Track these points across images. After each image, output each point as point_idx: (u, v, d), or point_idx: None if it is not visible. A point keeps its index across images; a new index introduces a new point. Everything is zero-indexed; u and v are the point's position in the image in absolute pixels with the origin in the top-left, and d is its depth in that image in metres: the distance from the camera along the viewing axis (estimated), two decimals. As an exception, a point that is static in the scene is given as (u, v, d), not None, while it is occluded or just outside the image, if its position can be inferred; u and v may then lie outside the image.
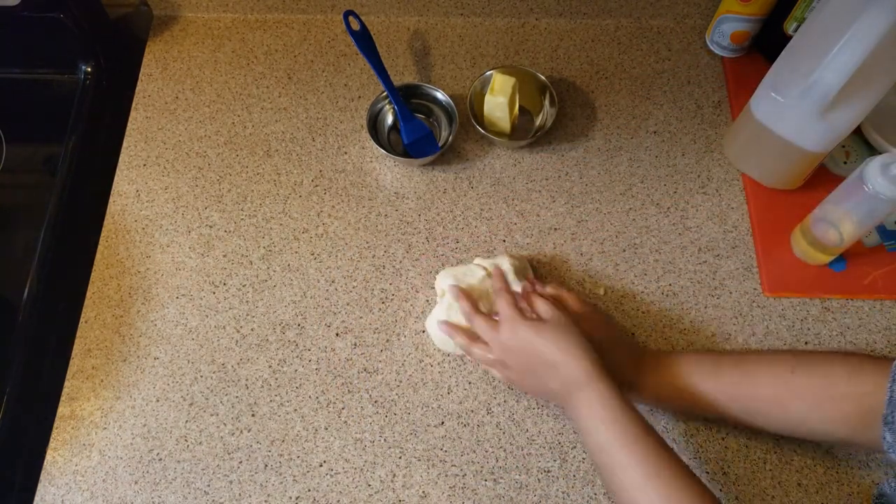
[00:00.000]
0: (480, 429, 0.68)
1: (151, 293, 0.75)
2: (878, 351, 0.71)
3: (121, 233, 0.78)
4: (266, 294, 0.75)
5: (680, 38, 0.91)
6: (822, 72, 0.63)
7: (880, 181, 0.61)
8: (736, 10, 0.82)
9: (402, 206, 0.79)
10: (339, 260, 0.76)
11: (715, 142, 0.83)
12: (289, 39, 0.91)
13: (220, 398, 0.69)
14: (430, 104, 0.85)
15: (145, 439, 0.68)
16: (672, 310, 0.73)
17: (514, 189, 0.80)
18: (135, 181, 0.81)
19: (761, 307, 0.73)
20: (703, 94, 0.87)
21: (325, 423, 0.68)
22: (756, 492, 0.64)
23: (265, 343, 0.72)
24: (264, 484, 0.66)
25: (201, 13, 0.93)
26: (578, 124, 0.85)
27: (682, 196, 0.80)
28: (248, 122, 0.85)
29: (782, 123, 0.71)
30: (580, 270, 0.75)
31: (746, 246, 0.77)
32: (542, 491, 0.65)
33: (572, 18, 0.92)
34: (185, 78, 0.89)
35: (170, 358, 0.71)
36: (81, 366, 0.71)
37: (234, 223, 0.79)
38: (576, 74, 0.88)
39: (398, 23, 0.92)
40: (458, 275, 0.70)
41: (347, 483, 0.65)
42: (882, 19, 0.56)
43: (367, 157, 0.83)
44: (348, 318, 0.73)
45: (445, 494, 0.65)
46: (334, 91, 0.87)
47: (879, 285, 0.74)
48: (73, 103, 0.85)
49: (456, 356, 0.71)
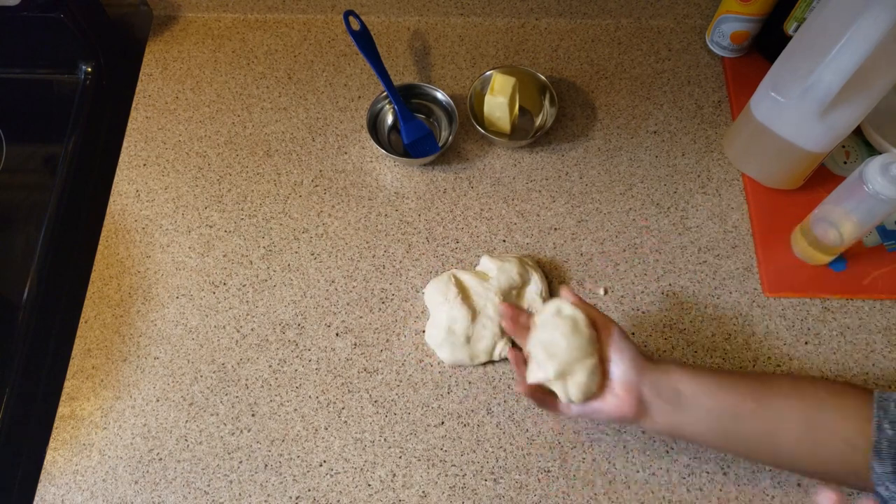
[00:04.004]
0: (480, 429, 0.68)
1: (151, 293, 0.75)
2: (877, 351, 0.71)
3: (121, 233, 0.78)
4: (266, 294, 0.75)
5: (680, 38, 0.91)
6: (822, 72, 0.63)
7: (880, 181, 0.61)
8: (736, 10, 0.82)
9: (402, 206, 0.79)
10: (339, 260, 0.76)
11: (715, 142, 0.83)
12: (289, 39, 0.91)
13: (220, 398, 0.69)
14: (430, 104, 0.85)
15: (145, 439, 0.68)
16: (672, 310, 0.73)
17: (514, 189, 0.80)
18: (135, 181, 0.81)
19: (761, 307, 0.73)
20: (703, 94, 0.87)
21: (325, 423, 0.68)
22: (756, 492, 0.64)
23: (265, 343, 0.72)
24: (264, 484, 0.66)
25: (201, 13, 0.93)
26: (578, 124, 0.85)
27: (682, 196, 0.80)
28: (248, 122, 0.85)
29: (782, 123, 0.71)
30: (580, 270, 0.75)
31: (746, 246, 0.77)
32: (542, 491, 0.65)
33: (572, 18, 0.92)
34: (185, 78, 0.89)
35: (170, 358, 0.71)
36: (81, 366, 0.71)
37: (234, 223, 0.79)
38: (576, 74, 0.88)
39: (398, 23, 0.92)
40: (442, 287, 0.71)
41: (347, 483, 0.65)
42: (882, 19, 0.56)
43: (367, 157, 0.83)
44: (348, 318, 0.73)
45: (445, 494, 0.65)
46: (334, 91, 0.87)
47: (879, 285, 0.74)
48: (73, 103, 0.85)
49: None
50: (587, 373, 0.56)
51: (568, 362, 0.56)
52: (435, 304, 0.71)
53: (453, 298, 0.69)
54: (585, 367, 0.56)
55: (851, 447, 0.53)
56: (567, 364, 0.56)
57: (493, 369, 0.70)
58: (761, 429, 0.56)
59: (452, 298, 0.69)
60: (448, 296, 0.70)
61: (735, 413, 0.56)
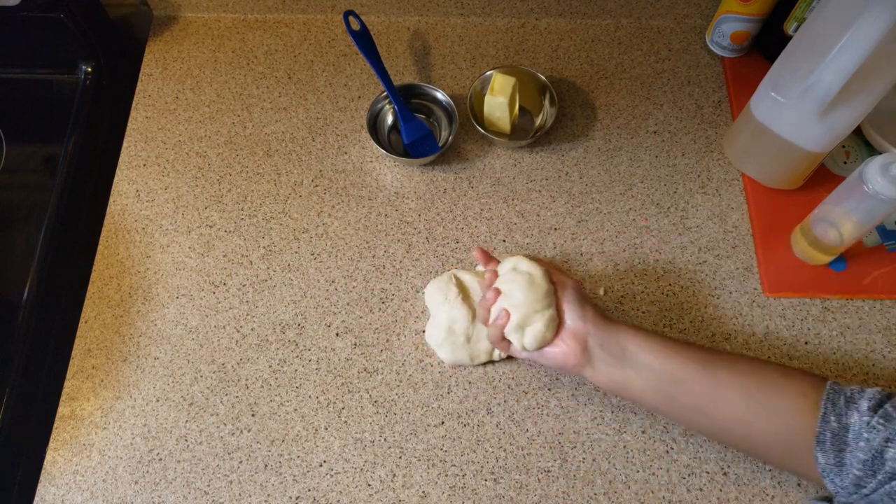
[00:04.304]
0: (480, 429, 0.68)
1: (151, 293, 0.75)
2: (877, 351, 0.71)
3: (121, 233, 0.78)
4: (266, 294, 0.75)
5: (680, 38, 0.91)
6: (821, 72, 0.63)
7: (880, 181, 0.61)
8: (736, 10, 0.82)
9: (402, 206, 0.79)
10: (339, 260, 0.76)
11: (715, 142, 0.83)
12: (289, 39, 0.91)
13: (220, 398, 0.69)
14: (430, 104, 0.85)
15: (145, 439, 0.68)
16: (672, 310, 0.73)
17: (514, 189, 0.80)
18: (135, 181, 0.81)
19: (761, 307, 0.73)
20: (703, 94, 0.87)
21: (325, 423, 0.68)
22: (756, 491, 0.64)
23: (265, 343, 0.72)
24: (264, 484, 0.66)
25: (201, 13, 0.93)
26: (578, 124, 0.85)
27: (682, 196, 0.80)
28: (248, 122, 0.85)
29: (782, 123, 0.71)
30: (580, 270, 0.75)
31: (746, 246, 0.77)
32: (542, 491, 0.65)
33: (572, 18, 0.92)
34: (185, 78, 0.89)
35: (170, 358, 0.71)
36: (81, 366, 0.71)
37: (234, 223, 0.79)
38: (576, 74, 0.88)
39: (398, 23, 0.92)
40: (442, 287, 0.71)
41: (347, 483, 0.65)
42: (882, 19, 0.56)
43: (367, 157, 0.83)
44: (348, 318, 0.73)
45: (445, 494, 0.65)
46: (334, 91, 0.87)
47: (879, 285, 0.74)
48: (73, 103, 0.85)
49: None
50: (543, 323, 0.61)
51: (525, 314, 0.60)
52: (435, 304, 0.71)
53: (453, 298, 0.69)
54: (543, 317, 0.61)
55: (795, 432, 0.54)
56: (524, 316, 0.61)
57: (493, 369, 0.70)
58: (702, 397, 0.57)
59: (453, 298, 0.69)
60: (448, 296, 0.70)
61: (678, 377, 0.57)
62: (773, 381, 0.56)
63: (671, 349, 0.58)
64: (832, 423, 0.52)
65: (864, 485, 0.50)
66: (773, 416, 0.55)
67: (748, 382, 0.56)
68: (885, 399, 0.52)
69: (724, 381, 0.56)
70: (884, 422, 0.50)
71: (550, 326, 0.61)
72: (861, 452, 0.50)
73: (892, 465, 0.49)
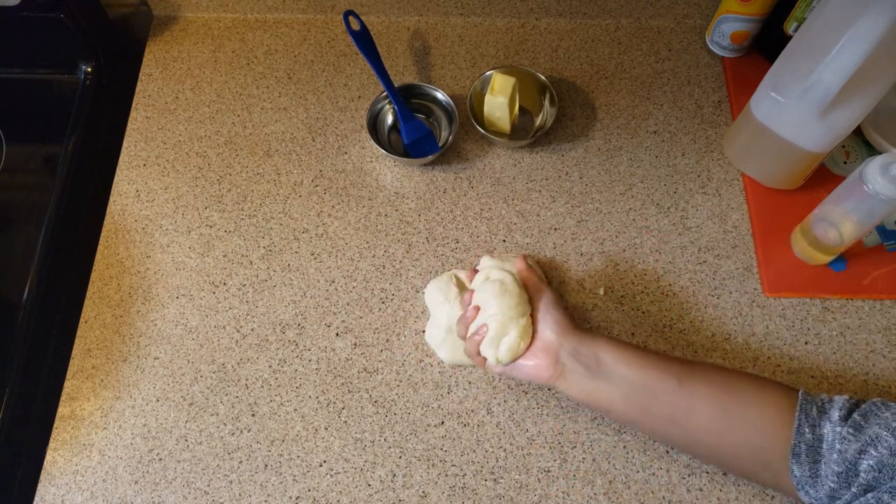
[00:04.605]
0: (480, 429, 0.68)
1: (151, 293, 0.75)
2: (877, 351, 0.71)
3: (121, 233, 0.78)
4: (266, 294, 0.75)
5: (680, 38, 0.91)
6: (821, 72, 0.63)
7: (880, 181, 0.61)
8: (736, 10, 0.82)
9: (402, 206, 0.79)
10: (339, 260, 0.76)
11: (715, 142, 0.83)
12: (289, 39, 0.91)
13: (220, 398, 0.69)
14: (430, 104, 0.85)
15: (145, 439, 0.68)
16: (672, 310, 0.73)
17: (514, 189, 0.80)
18: (135, 181, 0.81)
19: (761, 307, 0.73)
20: (703, 94, 0.87)
21: (325, 423, 0.68)
22: (756, 491, 0.64)
23: (265, 343, 0.72)
24: (264, 484, 0.66)
25: (201, 13, 0.93)
26: (578, 124, 0.85)
27: (682, 196, 0.80)
28: (248, 122, 0.85)
29: (782, 123, 0.71)
30: (580, 270, 0.75)
31: (746, 246, 0.77)
32: (542, 491, 0.65)
33: (572, 18, 0.92)
34: (185, 78, 0.89)
35: (170, 358, 0.71)
36: (81, 366, 0.71)
37: (234, 223, 0.79)
38: (576, 74, 0.88)
39: (398, 23, 0.92)
40: (442, 286, 0.71)
41: (347, 483, 0.65)
42: (882, 19, 0.56)
43: (367, 157, 0.83)
44: (348, 318, 0.73)
45: (445, 494, 0.65)
46: (334, 91, 0.87)
47: (879, 285, 0.74)
48: (73, 103, 0.85)
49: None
50: (517, 333, 0.59)
51: (502, 323, 0.59)
52: (435, 303, 0.71)
53: (454, 298, 0.69)
54: (517, 326, 0.59)
55: (769, 444, 0.53)
56: (501, 325, 0.59)
57: (493, 369, 0.70)
58: (674, 408, 0.56)
59: (453, 298, 0.69)
60: (448, 296, 0.70)
61: (652, 387, 0.57)
62: (745, 391, 0.56)
63: (646, 360, 0.58)
64: (806, 435, 0.52)
65: (839, 496, 0.50)
66: (746, 427, 0.55)
67: (720, 393, 0.56)
68: (854, 407, 0.52)
69: (697, 392, 0.56)
70: (853, 431, 0.50)
71: (525, 336, 0.60)
72: (835, 464, 0.50)
73: (865, 476, 0.49)
